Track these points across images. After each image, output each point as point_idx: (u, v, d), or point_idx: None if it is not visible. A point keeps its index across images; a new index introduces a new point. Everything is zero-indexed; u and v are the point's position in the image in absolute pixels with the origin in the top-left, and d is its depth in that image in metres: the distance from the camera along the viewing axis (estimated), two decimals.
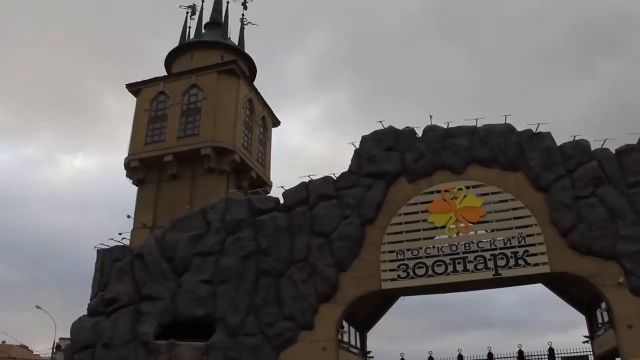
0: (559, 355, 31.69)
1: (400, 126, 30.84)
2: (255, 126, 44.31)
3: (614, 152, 28.14)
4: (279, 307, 28.48)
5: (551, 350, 31.44)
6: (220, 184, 38.83)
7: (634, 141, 28.17)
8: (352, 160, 30.59)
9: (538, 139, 28.72)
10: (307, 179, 30.94)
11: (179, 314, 29.22)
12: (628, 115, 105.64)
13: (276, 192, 38.61)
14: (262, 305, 28.59)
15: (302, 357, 27.39)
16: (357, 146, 30.81)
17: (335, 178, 30.43)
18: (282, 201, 31.03)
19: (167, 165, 39.57)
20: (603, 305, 27.14)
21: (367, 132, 31.12)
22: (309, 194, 30.30)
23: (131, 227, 38.96)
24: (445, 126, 30.08)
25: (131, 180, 41.29)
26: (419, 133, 30.41)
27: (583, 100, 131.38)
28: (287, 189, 31.20)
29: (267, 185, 44.18)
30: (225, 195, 35.66)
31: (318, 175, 30.85)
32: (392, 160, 29.63)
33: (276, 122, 48.86)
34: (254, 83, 46.35)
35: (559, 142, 28.68)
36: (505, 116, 29.58)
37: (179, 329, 28.87)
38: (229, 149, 39.36)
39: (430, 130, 30.05)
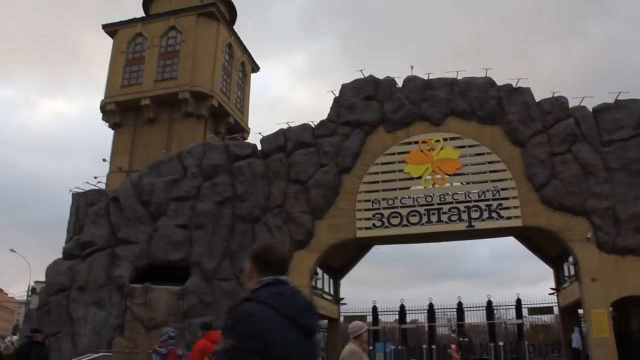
0: (526, 306, 32.70)
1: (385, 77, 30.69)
2: (234, 71, 43.69)
3: (591, 110, 28.36)
4: None
5: (519, 301, 32.41)
6: (197, 129, 38.49)
7: (612, 100, 28.39)
8: (331, 109, 30.44)
9: (517, 94, 28.76)
10: (285, 126, 30.82)
11: (154, 258, 29.36)
12: (611, 76, 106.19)
13: (254, 139, 38.48)
14: (237, 251, 28.81)
15: None
16: (337, 94, 30.60)
17: (313, 126, 30.32)
18: (259, 147, 30.92)
19: (144, 108, 39.00)
20: (570, 259, 27.82)
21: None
22: (286, 141, 30.22)
23: (107, 171, 38.68)
24: (425, 77, 29.96)
25: (107, 124, 40.66)
26: (400, 83, 30.27)
27: (569, 60, 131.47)
28: (265, 135, 31.08)
29: (245, 131, 43.88)
30: (202, 140, 35.43)
31: (298, 123, 30.76)
32: (371, 109, 29.54)
33: (256, 68, 48.24)
34: (235, 28, 45.48)
35: (538, 99, 28.80)
36: (486, 70, 29.57)
37: (155, 273, 29.06)
38: (207, 93, 38.85)
39: (411, 81, 29.92)
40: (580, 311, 28.76)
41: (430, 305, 33.03)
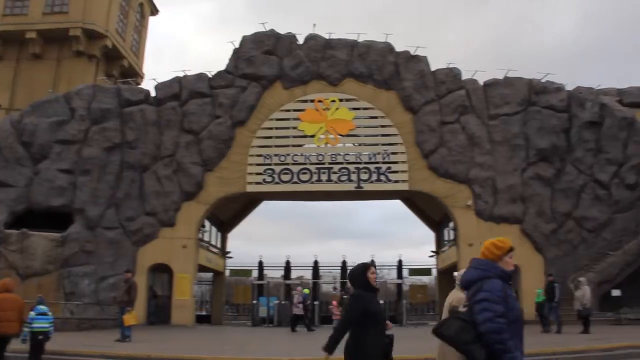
0: (406, 267, 34.12)
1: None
2: (131, 12, 41.63)
3: (482, 84, 29.47)
4: (141, 202, 27.99)
5: (400, 262, 33.72)
6: (88, 69, 36.54)
7: (502, 77, 29.63)
8: (229, 60, 29.80)
9: (414, 62, 29.37)
10: (181, 74, 29.85)
11: (34, 203, 27.83)
12: (505, 54, 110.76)
13: (148, 85, 37.12)
14: (124, 199, 27.94)
15: (161, 254, 27.42)
16: (237, 46, 29.95)
17: (210, 76, 29.59)
18: (153, 94, 29.84)
19: (29, 42, 36.38)
20: (451, 224, 29.22)
21: None
22: (181, 89, 29.36)
23: None
24: (327, 37, 29.90)
25: None
26: (301, 40, 30.04)
27: (469, 35, 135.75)
28: (159, 82, 29.99)
29: (139, 76, 42.18)
30: (93, 82, 33.68)
31: (194, 71, 29.91)
32: (270, 64, 29.23)
33: (155, 11, 46.22)
34: None
35: (434, 68, 29.52)
36: (387, 35, 29.91)
37: (34, 219, 27.55)
38: (101, 32, 36.83)
39: (312, 39, 29.80)
40: (456, 273, 30.26)
41: (316, 263, 33.71)
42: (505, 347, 3.79)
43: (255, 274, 34.57)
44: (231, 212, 33.37)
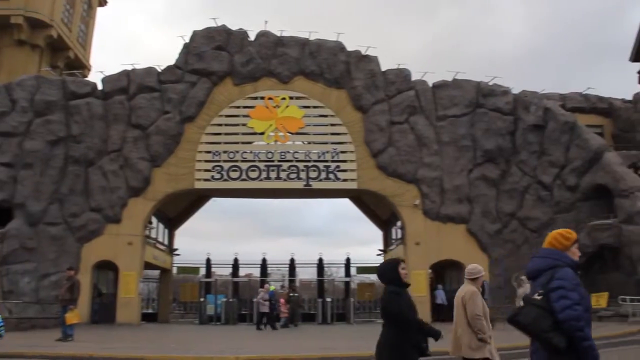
0: (354, 265, 34.34)
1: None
2: (78, 2, 40.48)
3: (431, 85, 29.90)
4: (86, 198, 27.33)
5: (348, 260, 33.92)
6: (31, 59, 35.41)
7: (451, 79, 30.15)
8: (179, 55, 29.35)
9: (365, 62, 29.57)
10: (130, 68, 29.25)
11: None
12: (454, 58, 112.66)
13: (95, 78, 36.24)
14: (68, 195, 27.20)
15: (107, 251, 26.83)
16: (187, 41, 29.52)
17: (159, 71, 29.11)
18: (100, 87, 29.13)
19: None
20: (399, 223, 29.58)
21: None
22: (129, 83, 28.76)
23: None
24: (278, 34, 29.79)
25: None
26: (252, 37, 29.85)
27: (420, 37, 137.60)
28: (107, 75, 29.31)
29: (86, 68, 41.12)
30: (36, 72, 32.67)
31: (143, 65, 29.35)
32: (221, 60, 28.95)
33: (103, 2, 45.14)
34: None
35: (384, 68, 29.78)
36: (338, 34, 30.01)
37: None
38: (45, 21, 35.70)
39: (263, 35, 29.64)
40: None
41: (264, 261, 33.55)
42: (584, 335, 3.83)
43: (203, 271, 34.21)
44: (179, 208, 32.95)
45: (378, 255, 35.03)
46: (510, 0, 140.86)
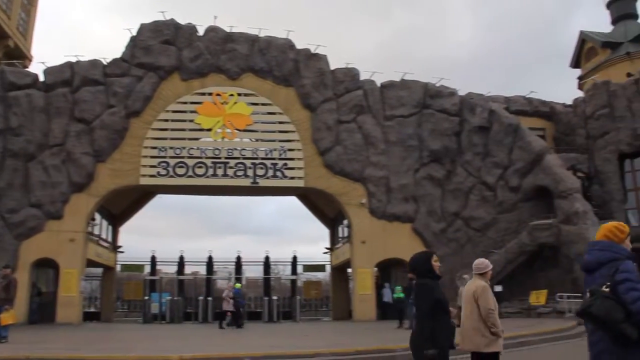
0: (301, 263, 34.38)
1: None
2: None
3: (379, 85, 30.13)
4: (25, 193, 26.42)
5: (294, 258, 33.91)
6: None
7: (399, 79, 30.46)
8: (126, 48, 28.67)
9: (314, 60, 29.59)
10: (74, 59, 28.42)
11: None
12: (403, 59, 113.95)
13: (37, 69, 35.07)
14: (6, 189, 26.23)
15: (47, 248, 26.00)
16: (134, 33, 28.91)
17: (105, 63, 28.41)
18: (42, 79, 28.21)
19: None
20: (345, 221, 29.75)
21: None
22: (73, 75, 27.91)
23: None
24: (228, 30, 29.50)
25: None
26: (201, 32, 29.44)
27: (371, 38, 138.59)
28: (49, 66, 28.40)
29: (27, 58, 39.54)
30: None
31: (88, 57, 28.57)
32: (169, 54, 28.45)
33: None
34: None
35: (334, 67, 29.84)
36: (288, 32, 29.92)
37: None
38: None
39: (212, 31, 29.29)
40: (349, 270, 30.91)
41: (210, 258, 33.20)
42: None
43: (148, 269, 33.58)
44: (124, 205, 32.24)
45: (324, 253, 35.16)
46: (460, 5, 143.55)
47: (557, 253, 26.58)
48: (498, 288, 26.79)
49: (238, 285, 25.92)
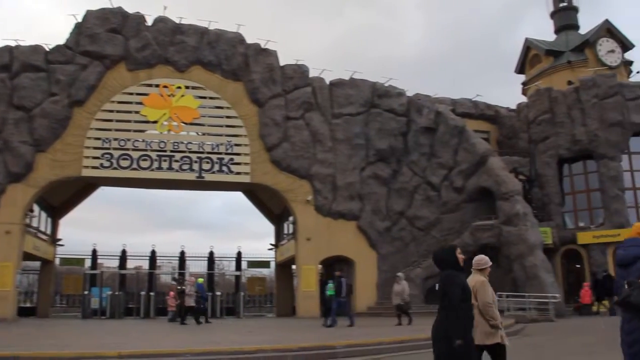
0: (245, 259, 34.21)
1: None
2: None
3: (328, 83, 30.21)
4: None
5: (239, 254, 33.73)
6: None
7: (348, 78, 30.61)
8: (70, 34, 27.70)
9: (264, 55, 29.42)
10: (13, 43, 27.39)
11: None
12: (354, 58, 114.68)
13: None
14: None
15: None
16: (79, 20, 28.04)
17: (47, 49, 27.49)
18: None
19: None
20: (291, 218, 29.74)
21: None
22: (12, 60, 26.77)
23: None
24: (177, 21, 29.01)
25: None
26: (150, 22, 28.84)
27: (323, 35, 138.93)
28: None
29: None
30: None
31: (29, 42, 27.60)
32: (115, 43, 27.70)
33: None
34: None
35: (283, 63, 29.75)
36: (239, 25, 29.66)
37: None
38: None
39: (161, 21, 28.72)
40: (294, 266, 30.92)
41: (153, 253, 32.66)
42: None
43: (88, 263, 32.78)
44: (64, 196, 31.32)
45: (269, 249, 35.05)
46: (412, 7, 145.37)
47: (497, 253, 27.17)
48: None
49: (200, 280, 25.58)
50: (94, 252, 32.14)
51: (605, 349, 11.75)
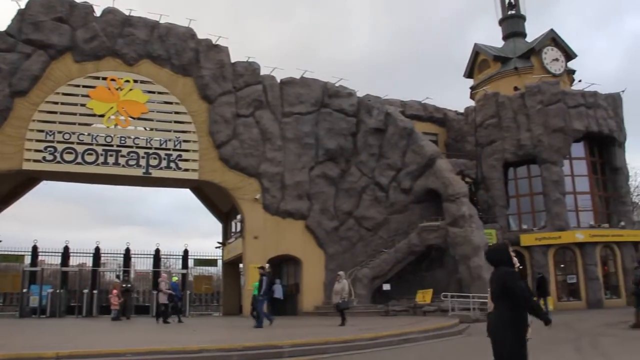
0: (192, 257, 33.81)
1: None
2: None
3: (279, 81, 30.12)
4: None
5: (186, 251, 33.33)
6: None
7: (299, 76, 30.60)
8: (12, 21, 26.60)
9: (215, 51, 29.12)
10: None
11: None
12: (306, 56, 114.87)
13: None
14: None
15: None
16: (22, 6, 27.04)
17: None
18: None
19: None
20: (238, 216, 29.54)
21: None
22: None
23: None
24: (127, 13, 28.39)
25: None
26: (98, 12, 28.10)
27: (274, 34, 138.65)
28: None
29: None
30: None
31: None
32: (61, 33, 26.80)
33: None
34: None
35: (234, 60, 29.52)
36: (190, 20, 29.28)
37: None
38: None
39: (110, 12, 28.00)
40: (241, 265, 30.73)
41: (97, 250, 31.93)
42: None
43: (28, 259, 31.76)
44: (3, 190, 30.22)
45: (217, 247, 34.78)
46: (363, 8, 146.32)
47: (443, 254, 27.64)
48: (387, 287, 27.60)
49: (175, 278, 25.12)
50: (35, 248, 31.17)
51: (541, 344, 12.08)
